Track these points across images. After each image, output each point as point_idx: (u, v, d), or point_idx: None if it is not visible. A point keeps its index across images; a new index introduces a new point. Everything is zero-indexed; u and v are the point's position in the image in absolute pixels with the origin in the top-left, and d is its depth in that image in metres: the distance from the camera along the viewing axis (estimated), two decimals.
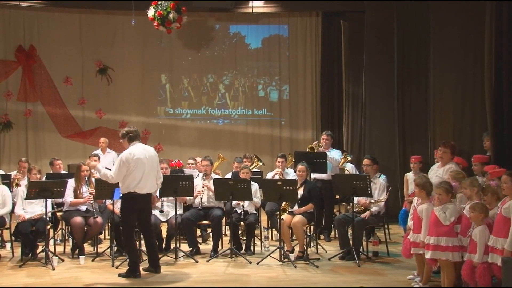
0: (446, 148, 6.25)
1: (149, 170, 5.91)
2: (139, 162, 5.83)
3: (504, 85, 7.08)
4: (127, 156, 5.81)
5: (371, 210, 6.87)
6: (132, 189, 5.82)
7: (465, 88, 8.22)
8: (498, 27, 7.01)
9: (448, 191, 5.30)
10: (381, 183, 7.08)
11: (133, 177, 5.80)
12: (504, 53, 7.01)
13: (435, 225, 5.26)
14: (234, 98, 12.24)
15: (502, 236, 4.72)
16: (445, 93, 8.47)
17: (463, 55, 8.11)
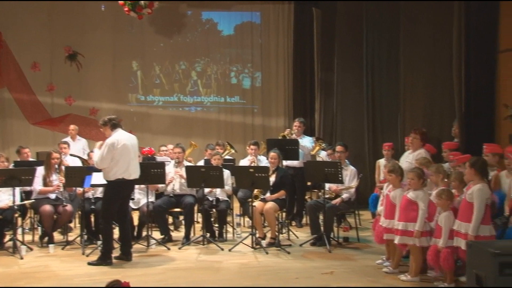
0: (416, 134, 6.35)
1: (133, 156, 5.95)
2: (125, 149, 5.82)
3: (472, 74, 7.24)
4: (113, 142, 5.79)
5: (342, 197, 6.93)
6: (120, 176, 5.80)
7: (434, 76, 8.34)
8: (467, 15, 7.13)
9: (420, 177, 5.36)
10: (352, 170, 7.13)
11: (121, 163, 5.79)
12: (472, 42, 7.15)
13: (404, 211, 5.34)
14: (206, 85, 12.17)
15: (466, 221, 4.82)
16: (415, 81, 8.59)
17: (432, 43, 8.22)
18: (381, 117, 9.54)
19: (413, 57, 8.56)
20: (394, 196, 5.54)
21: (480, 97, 7.23)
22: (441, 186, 5.29)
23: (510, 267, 3.96)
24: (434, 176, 5.39)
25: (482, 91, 7.24)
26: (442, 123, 8.27)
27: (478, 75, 7.25)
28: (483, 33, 7.14)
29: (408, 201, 5.31)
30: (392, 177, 5.60)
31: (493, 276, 3.96)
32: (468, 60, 7.23)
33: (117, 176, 5.82)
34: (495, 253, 3.96)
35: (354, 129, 9.74)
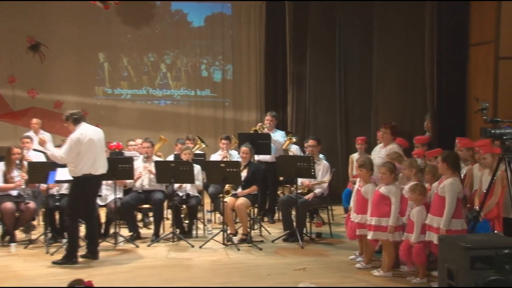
0: (386, 129, 6.40)
1: (100, 150, 5.90)
2: (91, 143, 5.75)
3: (444, 68, 7.35)
4: (78, 136, 5.70)
5: (315, 192, 6.94)
6: (87, 171, 5.72)
7: (407, 71, 8.45)
8: (439, 10, 7.24)
9: (392, 171, 5.38)
10: (325, 165, 7.15)
11: (87, 158, 5.71)
12: (444, 35, 7.26)
13: (377, 206, 5.37)
14: (176, 78, 12.05)
15: (438, 215, 4.87)
16: (388, 74, 8.68)
17: (405, 37, 8.31)
18: (354, 111, 9.60)
19: (385, 50, 8.65)
20: (366, 191, 5.58)
21: (452, 91, 7.36)
22: (413, 180, 5.35)
23: (481, 261, 4.00)
24: (407, 171, 5.43)
25: (454, 85, 7.36)
26: (414, 117, 8.38)
27: (450, 69, 7.37)
28: (454, 27, 7.26)
29: (381, 196, 5.34)
30: (362, 172, 5.64)
31: (464, 270, 3.98)
32: (440, 54, 7.34)
33: (84, 172, 5.74)
34: (466, 247, 4.02)
35: (327, 123, 9.79)
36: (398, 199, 5.28)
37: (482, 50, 7.08)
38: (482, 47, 7.08)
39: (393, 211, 5.25)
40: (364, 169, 5.64)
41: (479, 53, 7.16)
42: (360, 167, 5.66)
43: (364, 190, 5.61)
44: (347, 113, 9.63)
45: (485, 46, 7.00)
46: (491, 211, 5.06)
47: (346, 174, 8.44)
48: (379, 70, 8.81)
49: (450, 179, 4.91)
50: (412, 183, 5.30)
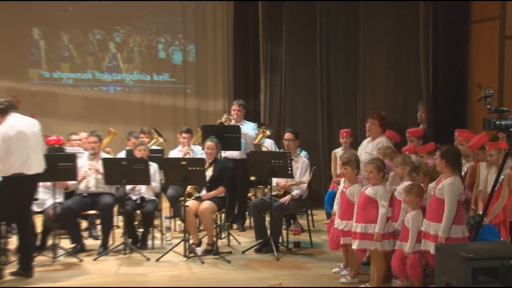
0: (374, 119, 6.41)
1: (35, 145, 5.82)
2: (22, 137, 5.68)
3: (441, 48, 7.42)
4: (6, 129, 5.63)
5: (292, 194, 6.94)
6: (17, 170, 5.65)
7: (399, 52, 8.54)
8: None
9: (380, 169, 5.40)
10: (304, 162, 7.17)
11: (18, 155, 5.64)
12: (442, 11, 7.32)
13: (363, 210, 5.38)
14: (128, 60, 11.95)
15: (436, 221, 4.91)
16: (377, 58, 8.77)
17: (397, 17, 8.39)
18: (338, 99, 9.66)
19: (374, 29, 8.70)
20: (351, 193, 5.59)
21: (450, 76, 7.47)
22: (407, 180, 5.38)
23: (485, 273, 4.03)
24: (399, 168, 5.45)
25: (453, 68, 7.48)
26: (407, 106, 8.48)
27: (448, 50, 7.47)
28: (453, 1, 7.32)
29: (367, 199, 5.37)
30: (347, 170, 5.64)
31: (465, 284, 4.00)
32: (437, 33, 7.41)
33: (14, 171, 5.65)
34: (467, 257, 4.05)
35: (306, 113, 9.83)
36: (386, 202, 5.32)
37: (486, 27, 7.17)
38: (485, 24, 7.17)
39: (381, 216, 5.27)
40: (349, 167, 5.63)
41: (482, 32, 7.26)
42: (345, 164, 5.66)
43: (349, 191, 5.61)
44: (330, 102, 9.68)
45: (489, 23, 7.08)
46: (497, 215, 5.13)
47: (329, 172, 8.50)
48: (367, 51, 8.88)
49: (450, 179, 4.92)
50: (406, 183, 5.33)
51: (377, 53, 8.74)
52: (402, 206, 5.27)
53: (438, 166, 5.06)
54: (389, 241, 5.32)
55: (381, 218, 5.28)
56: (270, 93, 10.35)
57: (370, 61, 8.84)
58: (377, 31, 8.66)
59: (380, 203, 5.31)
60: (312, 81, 9.77)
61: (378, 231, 5.27)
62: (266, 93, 10.44)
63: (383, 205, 5.30)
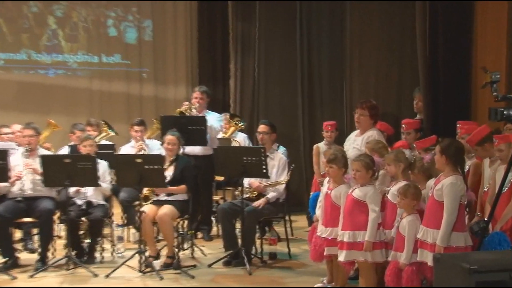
0: (364, 110, 6.44)
1: None
2: None
3: (440, 27, 7.48)
4: None
5: (268, 197, 6.96)
6: None
7: (391, 33, 8.58)
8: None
9: (369, 167, 5.42)
10: (281, 159, 7.18)
11: None
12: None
13: (350, 215, 5.39)
14: (71, 38, 11.91)
15: (434, 227, 4.92)
16: (367, 38, 8.80)
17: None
18: (321, 86, 9.70)
19: (364, 9, 8.75)
20: (337, 195, 5.60)
21: (451, 59, 7.53)
22: (401, 180, 5.41)
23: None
24: (392, 166, 5.48)
25: (454, 50, 7.53)
26: (401, 94, 8.54)
27: (448, 29, 7.53)
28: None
29: (354, 202, 5.39)
30: (333, 169, 5.66)
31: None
32: (436, 9, 7.48)
33: None
34: (470, 269, 4.07)
35: (284, 102, 9.86)
36: (377, 205, 5.35)
37: (493, 5, 7.24)
38: (492, 1, 7.23)
39: (371, 222, 5.29)
40: (335, 165, 5.64)
41: (488, 9, 7.33)
42: (330, 162, 5.66)
43: (334, 194, 5.63)
44: (312, 89, 9.71)
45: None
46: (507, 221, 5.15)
47: (311, 171, 8.54)
48: (355, 31, 8.90)
49: (451, 178, 4.93)
50: (400, 183, 5.37)
51: (367, 32, 8.78)
52: (398, 211, 5.31)
53: (438, 163, 5.08)
54: (381, 251, 5.34)
55: (372, 224, 5.30)
56: (242, 79, 10.36)
57: (359, 42, 8.88)
58: (367, 6, 8.70)
59: (370, 206, 5.33)
60: (291, 64, 9.78)
61: (368, 239, 5.28)
62: (236, 79, 10.44)
63: (373, 209, 5.32)
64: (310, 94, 9.71)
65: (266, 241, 7.51)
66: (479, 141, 5.60)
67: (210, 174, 7.76)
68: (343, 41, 9.20)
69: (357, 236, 5.34)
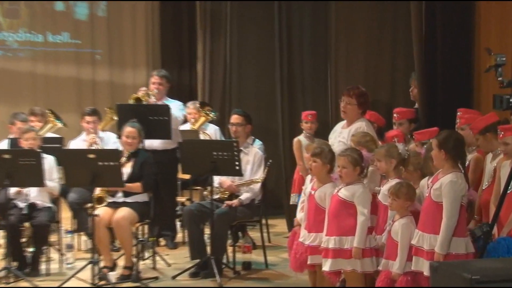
0: (351, 97, 6.41)
1: None
2: None
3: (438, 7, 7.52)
4: None
5: (241, 198, 7.00)
6: None
7: (383, 12, 8.62)
8: None
9: (356, 163, 5.43)
10: (257, 154, 7.23)
11: None
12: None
13: (336, 218, 5.42)
14: (10, 13, 11.78)
15: (431, 232, 4.95)
16: (355, 18, 8.80)
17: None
18: (303, 71, 9.72)
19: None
20: (322, 196, 5.64)
21: (451, 40, 7.56)
22: (393, 178, 5.41)
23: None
24: (383, 162, 5.49)
25: (454, 30, 7.57)
26: (394, 79, 8.59)
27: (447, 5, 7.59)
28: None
29: (341, 203, 5.43)
30: (316, 164, 5.68)
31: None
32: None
33: None
34: (472, 279, 4.09)
35: (260, 90, 9.90)
36: (366, 206, 5.38)
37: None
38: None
39: (360, 225, 5.32)
40: (319, 160, 5.66)
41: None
42: (315, 156, 5.69)
43: (319, 194, 5.67)
44: (293, 74, 9.69)
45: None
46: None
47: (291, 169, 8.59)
48: (342, 7, 8.90)
49: (450, 175, 4.96)
50: (392, 181, 5.37)
51: (355, 9, 8.77)
52: (389, 214, 5.33)
53: (436, 159, 5.09)
54: (371, 259, 5.37)
55: (361, 228, 5.32)
56: (211, 62, 10.33)
57: (346, 20, 8.86)
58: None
59: (358, 208, 5.36)
60: (268, 46, 9.77)
61: (357, 245, 5.30)
62: (205, 62, 10.42)
63: (362, 211, 5.35)
64: (291, 80, 9.69)
65: (239, 249, 7.53)
66: (483, 128, 5.62)
67: (173, 171, 7.78)
68: (328, 19, 9.19)
69: (344, 242, 5.36)
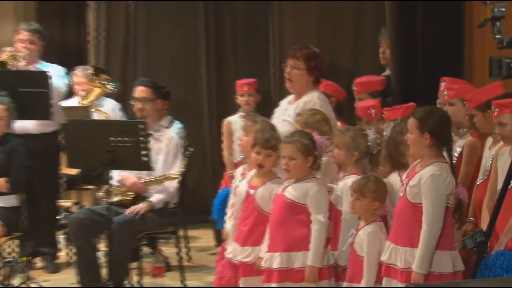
0: (298, 60, 6.48)
1: None
2: None
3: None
4: None
5: (151, 200, 7.11)
6: None
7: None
8: None
9: (308, 152, 5.48)
10: (173, 141, 7.38)
11: None
12: None
13: (282, 226, 5.50)
14: None
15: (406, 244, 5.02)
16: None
17: None
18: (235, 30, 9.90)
19: None
20: (264, 195, 5.73)
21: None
22: (355, 171, 5.54)
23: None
24: (342, 152, 5.56)
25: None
26: (358, 37, 8.67)
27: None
28: None
29: (288, 207, 5.51)
30: (258, 153, 5.73)
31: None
32: None
33: None
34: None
35: (177, 51, 10.00)
36: (323, 211, 5.45)
37: None
38: None
39: (315, 236, 5.40)
40: (261, 147, 5.71)
41: None
42: (255, 145, 5.74)
43: (261, 194, 5.74)
44: (222, 31, 9.89)
45: None
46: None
47: (221, 160, 8.65)
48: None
49: (432, 168, 5.01)
50: (348, 178, 5.47)
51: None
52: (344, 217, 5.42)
53: (414, 145, 5.11)
54: (329, 281, 5.48)
55: (316, 241, 5.38)
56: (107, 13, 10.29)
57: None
58: None
59: (313, 213, 5.41)
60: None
61: (311, 263, 5.36)
62: (98, 13, 10.37)
63: (317, 217, 5.39)
64: (219, 40, 9.82)
65: (147, 271, 7.52)
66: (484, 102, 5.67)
67: (54, 164, 7.83)
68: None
69: (293, 260, 5.44)
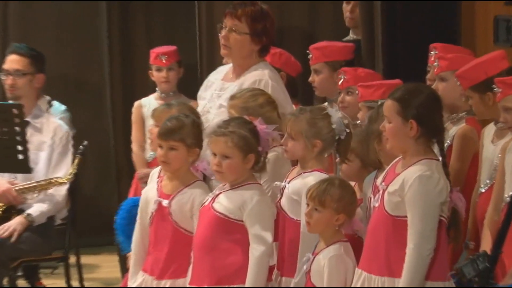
0: (239, 20, 6.54)
1: None
2: None
3: None
4: None
5: (28, 213, 7.46)
6: None
7: None
8: None
9: (248, 148, 5.60)
10: (58, 130, 7.80)
11: None
12: None
13: (211, 250, 5.64)
14: None
15: (383, 272, 5.15)
16: None
17: None
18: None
19: None
20: (181, 206, 5.89)
21: None
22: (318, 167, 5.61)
23: None
24: (300, 143, 5.61)
25: None
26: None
27: None
28: None
29: (218, 223, 5.67)
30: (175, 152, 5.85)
31: None
32: None
33: None
34: None
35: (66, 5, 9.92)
36: (268, 228, 5.55)
37: None
38: None
39: (255, 264, 5.53)
40: (162, 139, 5.77)
41: None
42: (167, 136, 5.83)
43: (177, 205, 5.86)
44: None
45: None
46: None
47: (128, 156, 8.73)
48: None
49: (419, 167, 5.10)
50: (307, 177, 5.54)
51: None
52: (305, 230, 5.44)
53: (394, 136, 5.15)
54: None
55: (256, 270, 5.48)
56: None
57: None
58: None
59: (251, 231, 5.50)
60: None
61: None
62: None
63: (259, 237, 5.42)
64: None
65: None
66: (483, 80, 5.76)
67: None
68: None
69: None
